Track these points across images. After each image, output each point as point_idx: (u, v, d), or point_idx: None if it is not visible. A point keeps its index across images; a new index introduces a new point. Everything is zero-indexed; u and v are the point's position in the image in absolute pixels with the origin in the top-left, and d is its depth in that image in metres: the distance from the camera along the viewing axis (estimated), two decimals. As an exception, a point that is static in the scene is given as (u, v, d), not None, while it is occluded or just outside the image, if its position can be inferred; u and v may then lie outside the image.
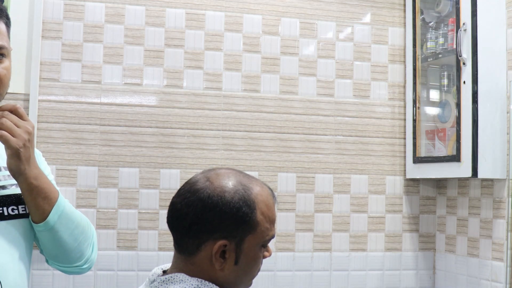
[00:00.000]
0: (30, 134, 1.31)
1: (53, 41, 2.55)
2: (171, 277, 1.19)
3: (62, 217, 1.37)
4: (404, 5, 2.87)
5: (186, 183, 1.25)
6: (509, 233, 2.38)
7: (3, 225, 1.34)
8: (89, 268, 1.50)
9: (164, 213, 2.55)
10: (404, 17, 2.87)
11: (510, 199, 2.38)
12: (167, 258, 2.56)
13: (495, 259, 2.45)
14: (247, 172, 1.29)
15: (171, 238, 1.25)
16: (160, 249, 2.59)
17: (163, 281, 1.19)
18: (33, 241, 1.44)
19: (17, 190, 1.36)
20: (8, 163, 1.31)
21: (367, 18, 2.87)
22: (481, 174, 2.40)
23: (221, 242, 1.17)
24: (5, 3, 2.47)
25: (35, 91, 2.49)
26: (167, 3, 2.66)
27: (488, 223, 2.51)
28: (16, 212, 1.37)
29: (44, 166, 1.51)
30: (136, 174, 2.59)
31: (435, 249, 2.87)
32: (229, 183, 1.20)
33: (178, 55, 2.66)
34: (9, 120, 1.29)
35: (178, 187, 1.26)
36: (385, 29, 2.88)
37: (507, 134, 2.42)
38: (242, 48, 2.73)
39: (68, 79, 2.55)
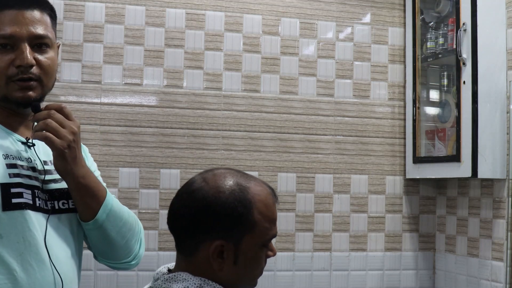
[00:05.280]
0: (75, 134, 1.32)
1: (53, 41, 2.55)
2: (174, 275, 1.20)
3: (110, 215, 1.39)
4: (404, 5, 2.87)
5: (185, 184, 1.26)
6: (509, 233, 2.38)
7: (56, 218, 1.36)
8: (136, 264, 1.52)
9: (164, 213, 2.56)
10: (404, 17, 2.88)
11: (510, 199, 2.38)
12: (167, 258, 2.56)
13: (495, 259, 2.45)
14: (247, 172, 1.29)
15: (171, 238, 1.26)
16: (160, 249, 2.59)
17: (167, 279, 1.20)
18: (83, 235, 1.45)
19: None
20: (54, 164, 1.32)
21: (367, 18, 2.87)
22: (481, 174, 2.40)
23: (217, 243, 1.17)
24: (5, 3, 2.47)
25: (35, 91, 2.49)
26: (167, 3, 2.67)
27: (488, 223, 2.51)
28: (66, 206, 1.39)
29: (91, 162, 1.53)
30: (136, 174, 2.59)
31: (435, 249, 2.87)
32: (225, 183, 1.20)
33: (178, 55, 2.66)
34: (55, 120, 1.30)
35: (178, 187, 1.27)
36: (385, 29, 2.88)
37: (507, 134, 2.42)
38: (242, 48, 2.73)
39: (68, 79, 2.56)
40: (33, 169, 1.36)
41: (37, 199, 1.33)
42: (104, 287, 2.53)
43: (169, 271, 1.27)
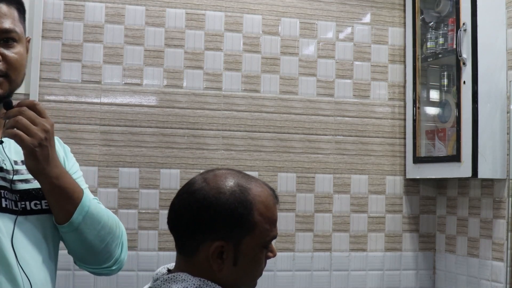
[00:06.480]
0: (47, 132, 1.24)
1: (53, 41, 2.55)
2: (173, 276, 1.19)
3: (87, 218, 1.31)
4: (404, 5, 2.87)
5: (185, 184, 1.26)
6: (509, 233, 2.37)
7: (25, 220, 1.30)
8: (119, 269, 1.45)
9: (164, 213, 2.56)
10: (404, 17, 2.87)
11: (510, 199, 2.38)
12: (167, 258, 2.56)
13: (495, 259, 2.45)
14: (247, 172, 1.29)
15: (171, 238, 1.25)
16: (160, 249, 2.59)
17: (166, 279, 1.20)
18: (59, 239, 1.39)
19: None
20: (26, 163, 1.26)
21: (367, 18, 2.87)
22: (481, 174, 2.40)
23: (217, 243, 1.17)
24: (5, 3, 2.46)
25: (35, 91, 2.49)
26: (167, 3, 2.66)
27: (488, 223, 2.51)
28: (39, 207, 1.32)
29: (72, 163, 1.46)
30: (136, 174, 2.59)
31: (435, 249, 2.87)
32: (226, 184, 1.20)
33: (178, 55, 2.66)
34: (26, 117, 1.23)
35: (178, 187, 1.27)
36: (385, 29, 2.88)
37: (507, 134, 2.42)
38: (242, 48, 2.72)
39: (68, 79, 2.55)
40: (1, 169, 1.31)
41: (3, 199, 1.27)
42: (104, 287, 2.53)
43: (169, 271, 1.26)
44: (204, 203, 1.18)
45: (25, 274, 1.26)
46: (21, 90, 2.46)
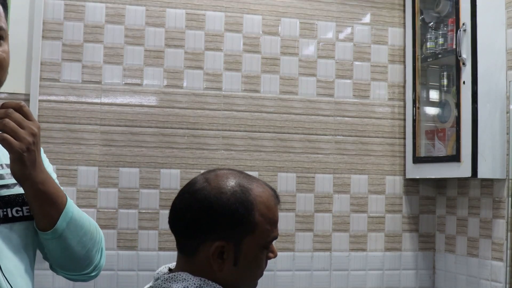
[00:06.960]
0: (35, 136, 1.16)
1: (54, 41, 2.55)
2: (174, 275, 1.20)
3: (71, 224, 1.25)
4: (404, 5, 2.88)
5: (187, 183, 1.26)
6: (508, 233, 2.38)
7: (7, 228, 1.23)
8: (96, 275, 1.39)
9: (164, 213, 2.56)
10: (404, 17, 2.88)
11: (509, 199, 2.38)
12: (167, 258, 2.56)
13: (495, 259, 2.45)
14: (248, 172, 1.29)
15: (171, 238, 1.26)
16: (160, 249, 2.59)
17: (167, 279, 1.20)
18: (37, 245, 1.33)
19: (21, 190, 1.23)
20: (11, 168, 1.18)
21: (367, 18, 2.87)
22: (480, 174, 2.41)
23: (218, 243, 1.18)
24: (5, 3, 2.46)
25: (35, 91, 2.49)
26: (167, 3, 2.67)
27: (487, 223, 2.51)
28: (20, 214, 1.25)
29: (47, 164, 1.39)
30: (136, 174, 2.59)
31: (434, 249, 2.87)
32: (227, 184, 1.20)
33: (178, 55, 2.66)
34: (13, 119, 1.15)
35: (178, 187, 1.27)
36: (385, 29, 2.88)
37: (507, 134, 2.42)
38: (242, 48, 2.73)
39: (68, 79, 2.56)
40: None
41: None
42: (104, 287, 2.53)
43: (170, 270, 1.27)
44: (205, 203, 1.19)
45: (10, 285, 1.20)
46: (21, 90, 2.48)
